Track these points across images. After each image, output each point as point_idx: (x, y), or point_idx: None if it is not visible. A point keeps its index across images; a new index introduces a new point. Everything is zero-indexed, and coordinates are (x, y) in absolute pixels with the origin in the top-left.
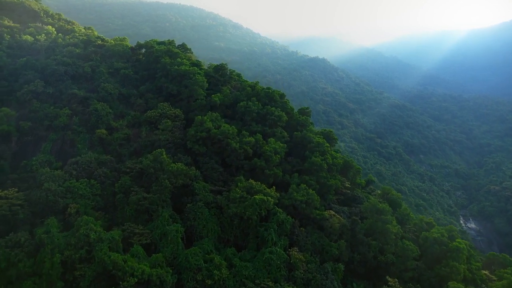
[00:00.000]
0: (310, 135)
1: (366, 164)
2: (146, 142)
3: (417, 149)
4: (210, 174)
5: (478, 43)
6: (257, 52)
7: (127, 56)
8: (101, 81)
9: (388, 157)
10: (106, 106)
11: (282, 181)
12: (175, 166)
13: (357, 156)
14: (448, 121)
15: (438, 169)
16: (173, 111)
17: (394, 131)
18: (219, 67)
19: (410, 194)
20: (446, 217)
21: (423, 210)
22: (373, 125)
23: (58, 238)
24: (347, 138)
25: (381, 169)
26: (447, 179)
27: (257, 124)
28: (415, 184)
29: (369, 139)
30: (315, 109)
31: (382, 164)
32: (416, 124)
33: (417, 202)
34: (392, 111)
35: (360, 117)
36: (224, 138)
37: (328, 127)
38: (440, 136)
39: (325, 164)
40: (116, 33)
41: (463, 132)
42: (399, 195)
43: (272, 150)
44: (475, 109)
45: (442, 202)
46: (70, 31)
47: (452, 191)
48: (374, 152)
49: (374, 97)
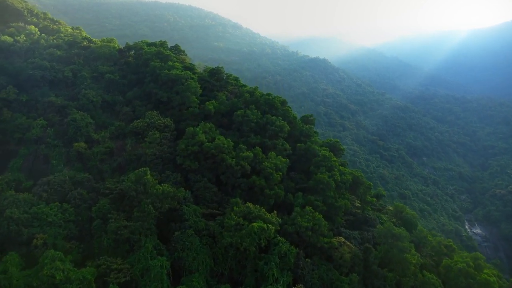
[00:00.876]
0: (315, 147)
1: (368, 168)
2: (131, 156)
3: (420, 151)
4: (202, 194)
5: (479, 43)
6: (256, 53)
7: (114, 58)
8: (83, 87)
9: (391, 160)
10: (86, 116)
11: (284, 202)
12: (160, 188)
13: (359, 159)
14: (451, 122)
15: (442, 172)
16: (163, 121)
17: (397, 133)
18: (215, 70)
19: (414, 198)
20: (451, 222)
21: (427, 216)
22: (375, 127)
23: (18, 279)
24: (348, 140)
25: (384, 173)
26: (451, 182)
27: (256, 136)
28: (418, 188)
29: (371, 142)
30: (316, 111)
31: (385, 167)
32: (418, 126)
33: (421, 207)
34: (394, 113)
35: (362, 118)
36: (218, 153)
37: (329, 129)
38: (443, 138)
39: (333, 181)
40: (113, 33)
41: (467, 134)
42: (414, 213)
43: (273, 166)
44: (479, 111)
45: (446, 206)
46: (55, 32)
47: (456, 195)
48: (376, 155)
49: (376, 98)
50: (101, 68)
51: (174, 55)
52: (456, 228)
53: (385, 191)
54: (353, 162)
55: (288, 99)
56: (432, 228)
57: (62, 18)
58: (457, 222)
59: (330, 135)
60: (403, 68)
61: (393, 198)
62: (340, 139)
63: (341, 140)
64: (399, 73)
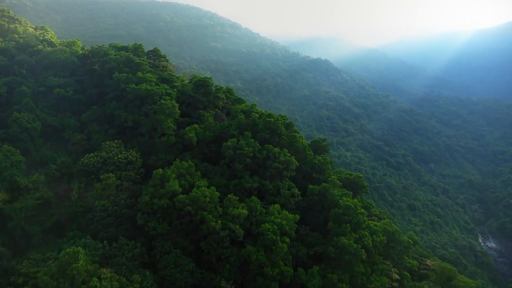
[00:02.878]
0: (334, 192)
1: (375, 177)
2: (77, 208)
3: (427, 157)
4: (172, 276)
5: (484, 43)
6: (256, 53)
7: (72, 67)
8: (16, 108)
9: (398, 167)
10: (14, 151)
11: (293, 282)
12: (98, 286)
13: (365, 167)
14: (458, 126)
15: (451, 179)
16: (125, 155)
17: (403, 138)
18: (201, 82)
19: (424, 209)
20: (463, 236)
21: (439, 229)
22: (380, 131)
23: None
24: (353, 146)
25: (392, 182)
26: (461, 190)
27: (252, 176)
28: (428, 198)
29: (377, 147)
30: (319, 115)
31: (392, 176)
32: (425, 130)
33: (432, 219)
34: (399, 116)
35: (366, 122)
36: (197, 211)
37: (332, 134)
38: (451, 143)
39: (363, 249)
40: (107, 33)
41: (475, 139)
42: (471, 282)
43: (277, 228)
44: (485, 113)
45: (458, 218)
46: (10, 32)
47: (467, 205)
48: (382, 162)
49: (380, 101)
50: (50, 81)
51: (148, 62)
52: (470, 243)
53: (394, 202)
54: (358, 170)
55: (289, 102)
56: (445, 243)
57: (54, 18)
58: (470, 235)
59: (334, 141)
60: (405, 69)
61: (402, 210)
62: (344, 145)
63: (345, 146)
64: (401, 74)
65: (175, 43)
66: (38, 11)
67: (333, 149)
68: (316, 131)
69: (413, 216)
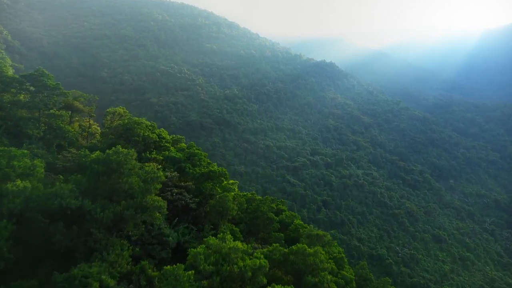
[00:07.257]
0: None
1: (392, 200)
2: None
3: (446, 172)
4: None
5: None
6: (255, 56)
7: None
8: None
9: (415, 185)
10: None
11: None
12: None
13: (380, 189)
14: (476, 135)
15: (474, 198)
16: None
17: (417, 150)
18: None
19: (451, 241)
20: (499, 273)
21: (470, 266)
22: (392, 143)
23: None
24: (364, 162)
25: (411, 207)
26: (487, 212)
27: None
28: (454, 226)
29: (391, 163)
30: (325, 125)
31: (410, 198)
32: (441, 141)
33: (462, 254)
34: (412, 125)
35: (377, 133)
36: None
37: (341, 148)
38: (470, 155)
39: None
40: (91, 33)
41: (496, 150)
42: None
43: None
44: (504, 121)
45: (489, 249)
46: None
47: (496, 231)
48: (398, 180)
49: (390, 108)
50: None
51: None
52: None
53: (416, 232)
54: (372, 192)
55: (291, 111)
56: (481, 286)
57: (35, 17)
58: (505, 272)
59: (343, 157)
60: (414, 72)
61: (426, 243)
62: (354, 161)
63: (356, 162)
64: (410, 78)
65: (166, 45)
66: (17, 10)
67: (343, 167)
68: (323, 145)
69: (439, 250)
